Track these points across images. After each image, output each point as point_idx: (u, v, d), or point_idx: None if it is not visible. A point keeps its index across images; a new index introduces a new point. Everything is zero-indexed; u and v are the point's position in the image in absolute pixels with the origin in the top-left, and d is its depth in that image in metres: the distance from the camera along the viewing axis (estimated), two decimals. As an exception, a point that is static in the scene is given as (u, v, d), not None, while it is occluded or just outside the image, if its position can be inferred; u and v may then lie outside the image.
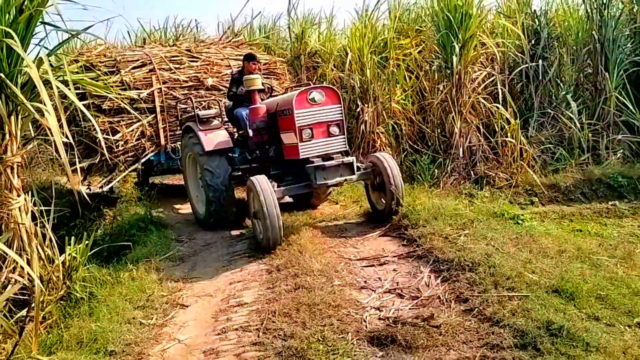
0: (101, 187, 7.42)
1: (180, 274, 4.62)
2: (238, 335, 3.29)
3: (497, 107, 7.11)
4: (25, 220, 4.06)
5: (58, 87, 3.90)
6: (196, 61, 8.00)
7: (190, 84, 7.69)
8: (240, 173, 6.02)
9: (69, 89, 4.00)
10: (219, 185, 5.79)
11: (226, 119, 6.53)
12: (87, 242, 4.31)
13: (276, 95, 6.65)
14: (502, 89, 7.31)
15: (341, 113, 5.21)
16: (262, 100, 6.24)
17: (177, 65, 7.75)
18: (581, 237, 4.95)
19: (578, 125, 7.25)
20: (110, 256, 5.07)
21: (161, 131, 7.30)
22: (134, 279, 4.29)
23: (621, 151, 7.18)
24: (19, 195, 4.14)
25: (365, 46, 7.95)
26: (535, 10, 8.36)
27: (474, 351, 2.86)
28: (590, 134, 7.28)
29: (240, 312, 3.62)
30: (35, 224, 4.09)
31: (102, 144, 6.17)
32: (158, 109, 7.25)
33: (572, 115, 7.32)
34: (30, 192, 4.23)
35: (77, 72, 5.98)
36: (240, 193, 6.93)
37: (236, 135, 6.42)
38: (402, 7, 9.62)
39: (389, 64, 8.27)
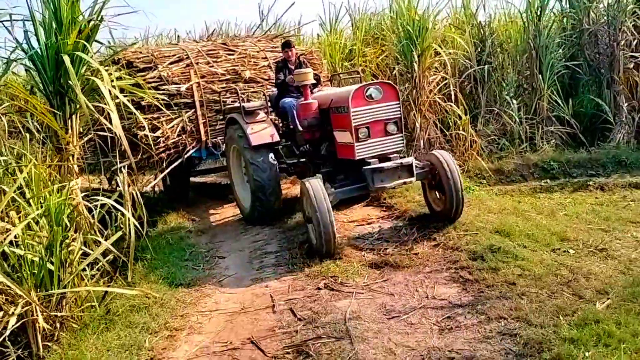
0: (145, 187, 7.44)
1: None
2: (273, 269, 4.76)
3: (451, 106, 8.82)
4: (79, 199, 5.34)
5: (113, 94, 5.25)
6: (232, 54, 8.11)
7: (228, 76, 7.79)
8: (286, 166, 6.13)
9: (121, 94, 5.37)
10: (265, 180, 5.85)
11: (271, 109, 6.59)
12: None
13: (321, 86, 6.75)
14: (454, 90, 9.04)
15: (399, 110, 5.15)
16: (312, 91, 6.14)
17: (214, 59, 7.86)
18: (518, 203, 6.68)
19: (518, 120, 9.09)
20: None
21: (201, 126, 7.41)
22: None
23: (553, 141, 9.07)
24: (77, 178, 5.45)
25: (337, 54, 9.54)
26: (480, 22, 10.19)
27: (441, 265, 4.46)
28: (527, 127, 9.13)
29: (269, 257, 5.09)
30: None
31: (150, 140, 6.45)
32: (197, 104, 7.36)
33: (512, 112, 9.15)
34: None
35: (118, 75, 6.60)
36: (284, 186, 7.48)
37: (282, 126, 6.62)
38: (364, 19, 11.23)
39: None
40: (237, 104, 6.56)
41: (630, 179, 7.74)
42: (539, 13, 9.70)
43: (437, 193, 5.40)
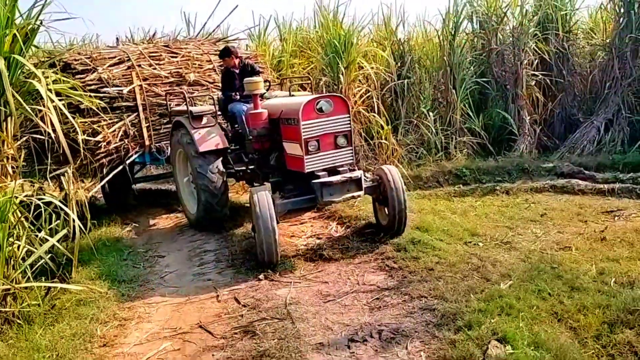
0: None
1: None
2: (214, 264, 5.11)
3: (374, 116, 9.53)
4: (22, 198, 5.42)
5: (50, 97, 5.40)
6: (176, 57, 8.06)
7: (172, 79, 7.74)
8: (234, 171, 6.16)
9: (57, 98, 5.52)
10: (212, 189, 5.85)
11: (219, 113, 6.58)
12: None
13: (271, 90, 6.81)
14: (377, 102, 9.76)
15: (349, 123, 5.25)
16: (262, 94, 6.17)
17: (156, 61, 7.77)
18: (435, 205, 7.42)
19: (434, 130, 9.94)
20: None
21: (144, 130, 7.30)
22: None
23: (465, 150, 9.99)
24: (11, 181, 5.52)
25: (266, 64, 9.99)
26: (400, 39, 11.04)
27: (369, 257, 5.02)
28: (443, 137, 10.01)
29: (208, 255, 5.44)
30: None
31: (89, 145, 6.40)
32: (140, 107, 7.24)
33: (429, 124, 10.00)
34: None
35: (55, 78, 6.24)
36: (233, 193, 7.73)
37: (230, 130, 6.57)
38: (291, 32, 11.78)
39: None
40: (183, 107, 6.52)
41: (531, 184, 8.70)
42: (453, 32, 10.69)
43: (385, 208, 5.50)
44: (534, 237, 5.87)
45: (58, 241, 4.59)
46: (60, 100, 5.87)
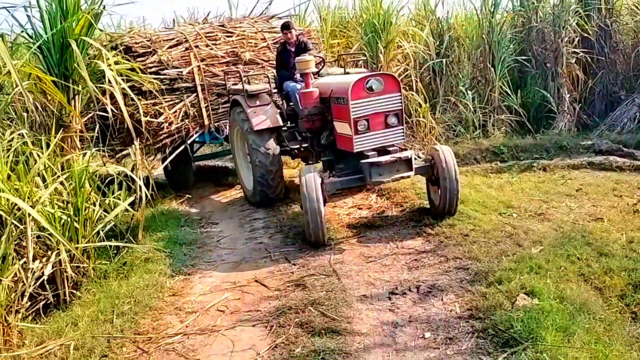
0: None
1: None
2: (264, 230, 5.64)
3: (412, 94, 9.86)
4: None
5: (115, 78, 5.95)
6: (231, 36, 8.23)
7: (228, 59, 7.93)
8: (289, 149, 6.33)
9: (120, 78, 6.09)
10: (267, 165, 6.03)
11: (275, 91, 6.77)
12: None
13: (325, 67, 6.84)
14: (415, 80, 10.07)
15: (401, 102, 5.17)
16: (315, 75, 6.30)
17: (212, 42, 7.99)
18: (472, 179, 7.76)
19: (472, 108, 10.21)
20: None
21: (203, 110, 7.55)
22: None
23: (503, 128, 10.25)
24: (79, 153, 6.15)
25: (307, 44, 10.41)
26: (439, 18, 11.27)
27: (408, 224, 5.45)
28: (481, 115, 10.28)
29: (258, 222, 5.97)
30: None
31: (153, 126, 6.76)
32: (199, 88, 7.49)
33: (467, 102, 10.27)
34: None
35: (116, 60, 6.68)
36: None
37: (286, 108, 6.66)
38: (329, 12, 12.14)
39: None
40: (240, 86, 6.63)
41: (569, 161, 8.93)
42: (492, 11, 10.86)
43: (438, 189, 5.41)
44: (568, 210, 6.18)
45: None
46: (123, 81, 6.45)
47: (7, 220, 4.12)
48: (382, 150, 5.19)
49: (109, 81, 5.82)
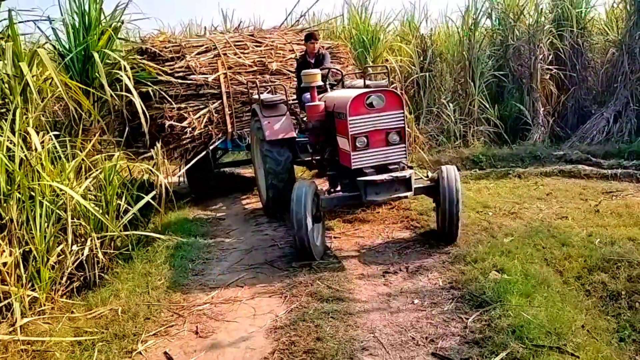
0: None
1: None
2: (269, 224, 6.44)
3: (398, 106, 10.76)
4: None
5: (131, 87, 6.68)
6: (260, 46, 8.52)
7: (255, 68, 8.18)
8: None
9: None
10: (278, 172, 6.15)
11: (296, 102, 6.97)
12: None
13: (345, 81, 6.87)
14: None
15: (403, 120, 5.15)
16: (333, 87, 6.47)
17: (241, 50, 8.28)
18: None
19: (453, 120, 11.19)
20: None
21: (227, 117, 7.76)
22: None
23: (482, 138, 11.24)
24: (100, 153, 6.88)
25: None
26: (423, 34, 12.26)
27: (397, 219, 6.32)
28: (461, 126, 11.26)
29: (262, 218, 6.77)
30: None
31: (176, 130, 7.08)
32: (224, 95, 7.70)
33: (449, 113, 11.23)
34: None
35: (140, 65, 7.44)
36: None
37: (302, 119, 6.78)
38: (320, 25, 13.05)
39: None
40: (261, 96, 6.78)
41: (542, 169, 9.88)
42: (472, 29, 11.89)
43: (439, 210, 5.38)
44: (538, 210, 7.08)
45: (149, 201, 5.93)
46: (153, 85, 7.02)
47: (49, 209, 4.86)
48: (382, 168, 5.17)
49: (127, 90, 6.61)
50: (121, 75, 6.60)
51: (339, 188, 5.77)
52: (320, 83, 6.04)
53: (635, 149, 10.04)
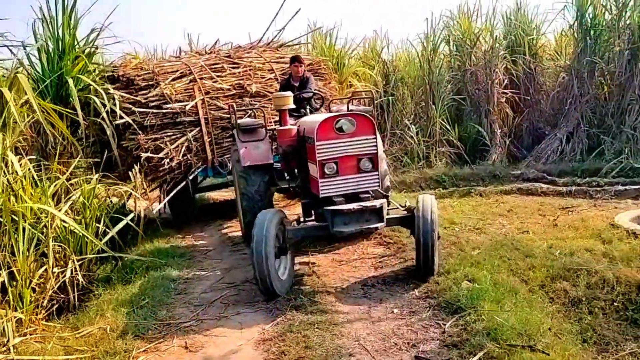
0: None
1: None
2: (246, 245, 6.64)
3: (363, 129, 11.14)
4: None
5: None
6: (237, 67, 8.15)
7: (234, 91, 7.84)
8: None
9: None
10: (253, 195, 5.90)
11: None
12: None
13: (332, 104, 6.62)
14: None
15: (375, 146, 4.89)
16: (316, 109, 6.30)
17: (218, 73, 7.91)
18: (419, 203, 9.04)
19: (416, 141, 11.65)
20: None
21: (207, 145, 7.40)
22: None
23: (444, 159, 11.73)
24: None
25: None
26: (385, 60, 12.77)
27: (370, 236, 6.59)
28: (424, 148, 11.73)
29: (238, 238, 6.94)
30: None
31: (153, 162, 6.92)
32: (202, 122, 7.37)
33: (412, 135, 11.70)
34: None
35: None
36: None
37: None
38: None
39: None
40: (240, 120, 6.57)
41: (501, 187, 10.39)
42: (432, 54, 12.48)
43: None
44: (501, 226, 7.50)
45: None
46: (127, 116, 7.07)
47: (30, 232, 4.95)
48: (354, 197, 4.89)
49: (102, 118, 6.74)
50: (94, 101, 6.73)
51: (313, 217, 5.47)
52: (292, 106, 5.90)
53: (587, 167, 10.68)
